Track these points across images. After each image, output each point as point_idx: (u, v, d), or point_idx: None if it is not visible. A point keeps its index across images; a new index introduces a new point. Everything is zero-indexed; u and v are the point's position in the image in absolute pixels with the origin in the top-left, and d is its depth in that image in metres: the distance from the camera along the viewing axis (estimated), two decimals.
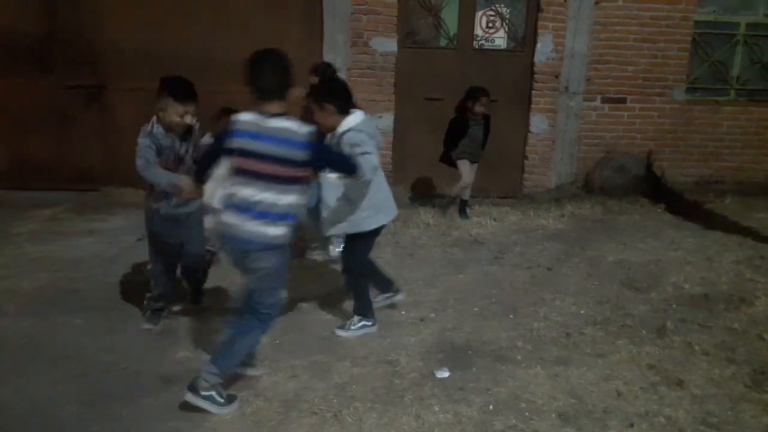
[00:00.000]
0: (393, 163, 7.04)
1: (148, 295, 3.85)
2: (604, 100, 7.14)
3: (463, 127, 5.98)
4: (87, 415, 2.91)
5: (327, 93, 3.47)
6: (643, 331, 3.86)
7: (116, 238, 5.28)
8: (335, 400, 3.07)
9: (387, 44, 6.79)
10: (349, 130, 3.40)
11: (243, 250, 2.87)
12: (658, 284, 4.61)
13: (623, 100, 7.16)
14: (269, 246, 2.85)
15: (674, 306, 4.24)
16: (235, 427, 2.85)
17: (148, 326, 3.78)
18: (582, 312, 4.15)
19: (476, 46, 7.03)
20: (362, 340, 3.70)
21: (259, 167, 2.78)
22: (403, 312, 4.10)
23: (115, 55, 6.56)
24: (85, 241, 5.26)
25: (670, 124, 7.27)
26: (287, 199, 2.84)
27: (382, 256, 5.09)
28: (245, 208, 2.82)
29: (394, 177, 7.04)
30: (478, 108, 5.91)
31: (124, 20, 6.56)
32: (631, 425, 2.93)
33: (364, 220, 3.55)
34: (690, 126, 7.31)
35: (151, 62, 6.44)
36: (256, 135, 2.80)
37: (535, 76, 6.99)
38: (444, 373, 3.34)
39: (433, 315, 4.07)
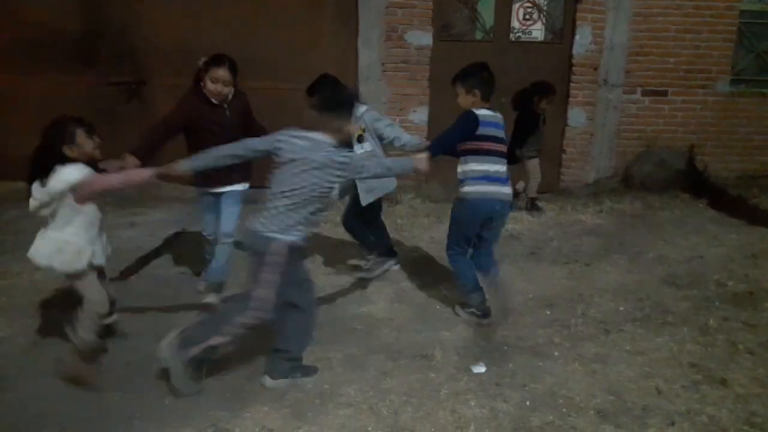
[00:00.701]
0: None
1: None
2: (645, 93, 6.99)
3: (535, 124, 5.96)
4: (130, 402, 2.98)
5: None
6: (685, 329, 3.78)
7: (157, 231, 5.38)
8: (371, 393, 3.08)
9: (422, 38, 6.76)
10: (366, 111, 4.12)
11: (502, 208, 3.76)
12: (700, 281, 4.51)
13: (664, 93, 7.00)
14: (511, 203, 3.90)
15: (717, 304, 4.14)
16: (272, 417, 2.89)
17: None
18: (621, 308, 4.08)
19: (513, 39, 6.95)
20: (397, 335, 3.70)
21: (498, 147, 3.71)
22: (438, 307, 4.10)
23: (155, 51, 6.67)
24: (126, 233, 5.37)
25: (713, 117, 7.08)
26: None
27: (416, 251, 5.10)
28: (497, 178, 3.70)
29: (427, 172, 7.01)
30: (546, 105, 5.93)
31: (164, 17, 6.66)
32: (672, 423, 2.87)
33: (388, 183, 4.34)
34: (734, 119, 7.11)
35: (189, 58, 6.51)
36: (496, 125, 3.74)
37: (574, 68, 6.88)
38: (480, 368, 3.32)
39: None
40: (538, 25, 6.95)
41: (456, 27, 7.01)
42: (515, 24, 6.92)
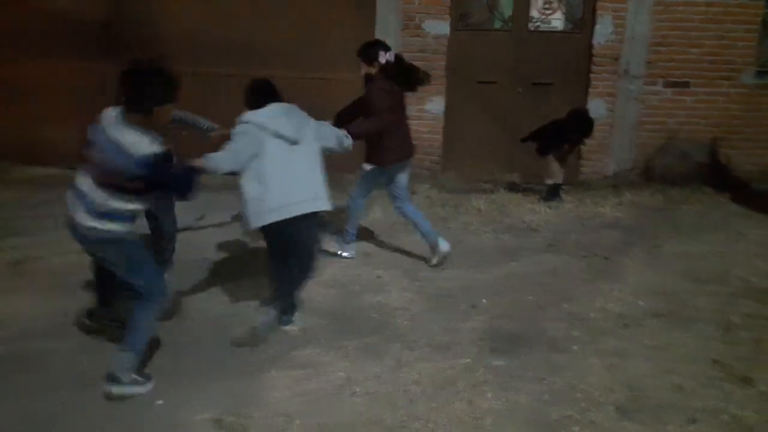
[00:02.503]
0: (443, 148, 6.96)
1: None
2: (667, 84, 6.86)
3: (560, 137, 5.99)
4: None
5: None
6: (706, 325, 3.70)
7: (179, 217, 5.35)
8: (387, 383, 3.05)
9: (439, 26, 6.69)
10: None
11: None
12: (723, 277, 4.42)
13: (686, 84, 6.86)
14: None
15: (740, 300, 4.05)
16: (289, 403, 2.87)
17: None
18: (641, 303, 4.01)
19: (532, 28, 6.87)
20: (413, 325, 3.66)
21: None
22: (453, 298, 4.04)
23: (173, 39, 6.65)
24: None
25: (737, 110, 6.93)
26: None
27: None
28: None
29: (443, 162, 6.97)
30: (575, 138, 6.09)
31: (182, 5, 6.66)
32: (693, 421, 2.81)
33: None
34: (759, 111, 6.95)
35: (206, 46, 6.55)
36: None
37: (594, 58, 6.78)
38: (498, 361, 3.27)
39: (485, 301, 4.00)
40: (558, 14, 6.86)
41: (474, 16, 6.94)
42: (534, 13, 6.83)
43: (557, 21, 6.88)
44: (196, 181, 2.99)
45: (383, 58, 4.28)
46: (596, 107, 6.86)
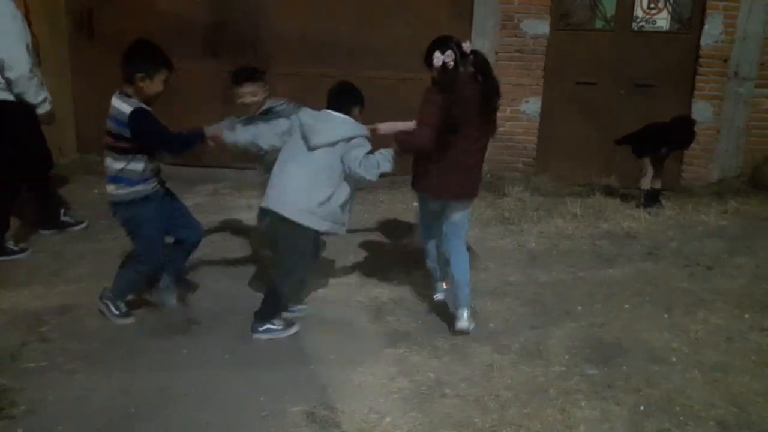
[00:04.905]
0: (537, 150, 6.86)
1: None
2: None
3: (659, 141, 5.83)
4: (242, 377, 3.14)
5: None
6: None
7: None
8: (478, 385, 3.07)
9: (539, 26, 6.60)
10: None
11: None
12: None
13: None
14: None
15: None
16: (379, 401, 2.94)
17: None
18: (746, 317, 3.83)
19: (635, 28, 6.66)
20: (505, 329, 3.66)
21: None
22: (547, 304, 4.00)
23: (276, 40, 6.91)
24: (243, 215, 5.64)
25: None
26: None
27: (524, 245, 5.01)
28: None
29: (537, 164, 6.88)
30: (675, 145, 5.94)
31: (285, 7, 6.90)
32: None
33: None
34: None
35: (307, 48, 6.76)
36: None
37: (701, 60, 6.49)
38: (592, 370, 3.23)
39: (579, 308, 3.94)
40: (664, 13, 6.62)
41: (575, 15, 6.80)
42: (638, 13, 6.63)
43: (663, 21, 6.63)
44: (192, 143, 3.61)
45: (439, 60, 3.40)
46: (701, 110, 6.57)
